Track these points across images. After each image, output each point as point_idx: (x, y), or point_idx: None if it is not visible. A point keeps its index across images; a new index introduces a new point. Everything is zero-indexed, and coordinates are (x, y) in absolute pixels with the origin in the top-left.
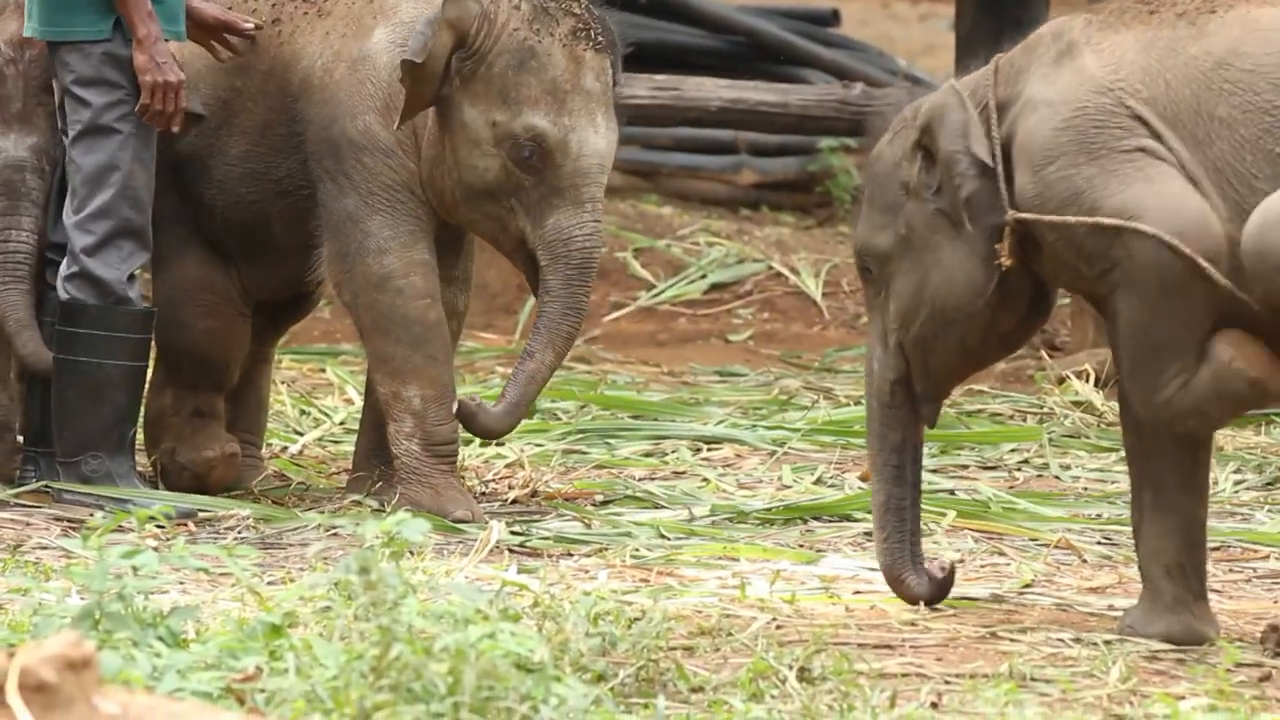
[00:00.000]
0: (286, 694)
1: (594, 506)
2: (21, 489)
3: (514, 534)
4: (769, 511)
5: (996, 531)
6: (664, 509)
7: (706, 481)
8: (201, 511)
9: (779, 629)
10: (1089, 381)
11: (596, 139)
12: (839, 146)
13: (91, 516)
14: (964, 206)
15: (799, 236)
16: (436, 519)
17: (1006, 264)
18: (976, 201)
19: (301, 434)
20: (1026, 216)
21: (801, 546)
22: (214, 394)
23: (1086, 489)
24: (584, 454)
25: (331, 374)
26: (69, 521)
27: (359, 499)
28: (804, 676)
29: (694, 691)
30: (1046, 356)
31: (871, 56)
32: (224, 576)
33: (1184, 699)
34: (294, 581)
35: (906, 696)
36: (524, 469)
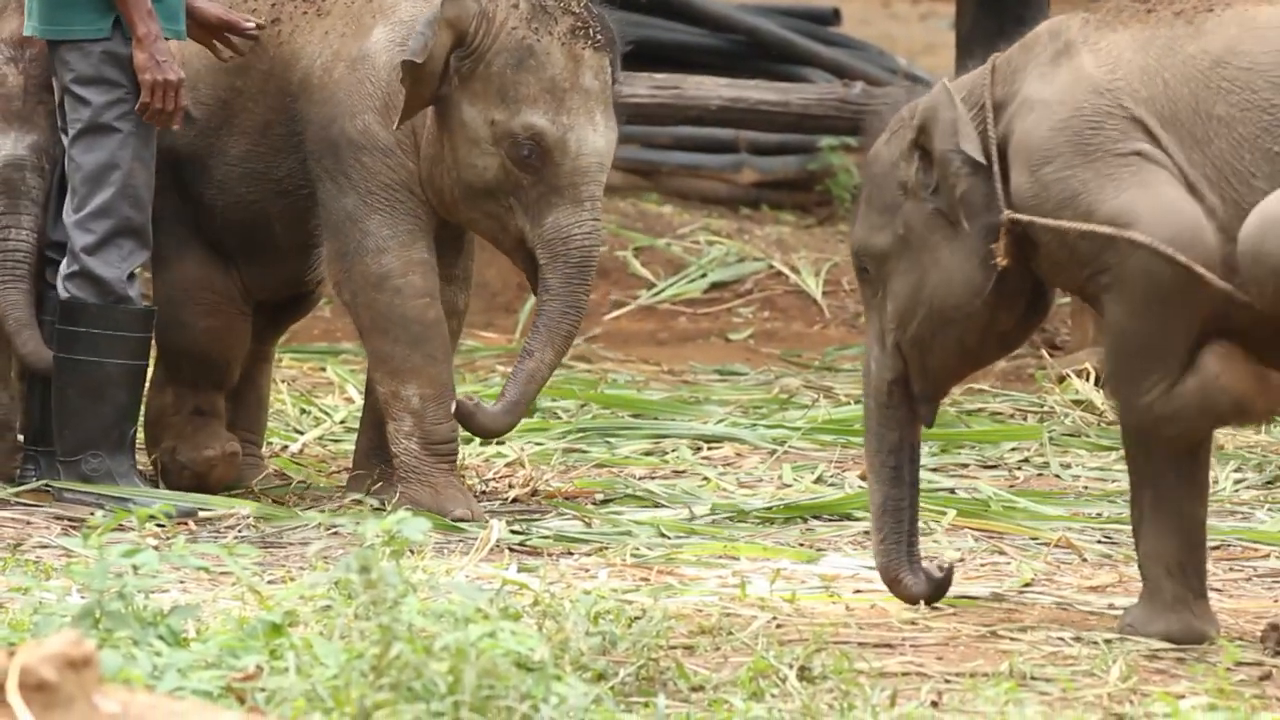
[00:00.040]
0: (287, 693)
1: (594, 505)
2: (22, 488)
3: (514, 533)
4: (769, 510)
5: (997, 530)
6: (664, 508)
7: (707, 480)
8: (202, 510)
9: (779, 628)
10: (1089, 380)
11: (595, 137)
12: (839, 145)
13: (92, 515)
14: (959, 205)
15: (799, 235)
16: (437, 518)
17: (1002, 264)
18: (971, 200)
19: (302, 433)
20: (1021, 217)
21: (802, 545)
22: (214, 393)
23: (1087, 488)
24: (584, 453)
25: (332, 373)
26: (69, 520)
27: (359, 498)
28: (804, 675)
29: (694, 690)
30: (1047, 355)
31: (872, 55)
32: (224, 575)
33: (1184, 698)
34: (294, 580)
35: (907, 695)
36: (524, 468)
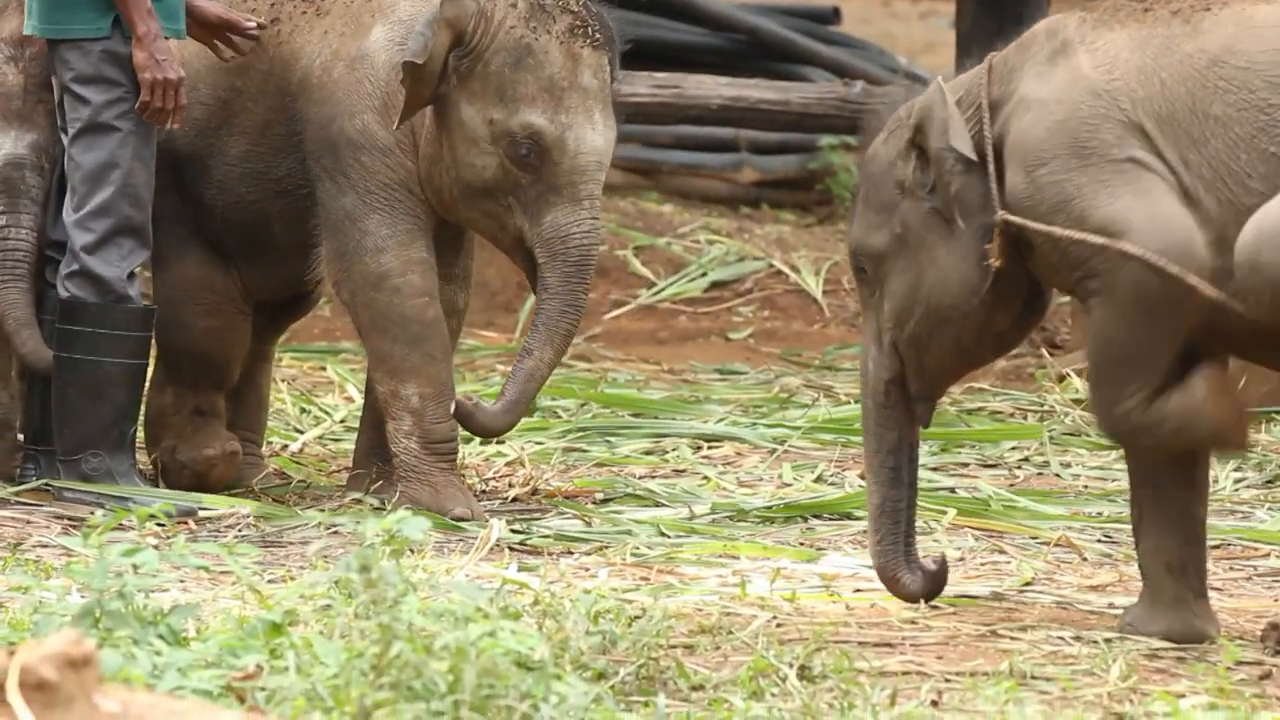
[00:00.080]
0: (287, 692)
1: (594, 504)
2: (22, 487)
3: (514, 532)
4: (769, 509)
5: (997, 529)
6: (664, 507)
7: (707, 479)
8: (202, 509)
9: (779, 627)
10: None
11: (594, 136)
12: (839, 144)
13: (92, 514)
14: (955, 204)
15: (799, 234)
16: (436, 517)
17: (996, 264)
18: (966, 199)
19: (302, 432)
20: (1014, 219)
21: (802, 544)
22: (214, 392)
23: (1087, 487)
24: (584, 452)
25: (332, 372)
26: (69, 519)
27: (359, 497)
28: (804, 674)
29: (694, 690)
30: (1047, 354)
31: (872, 54)
32: (224, 574)
33: (1184, 697)
34: (294, 579)
35: (907, 694)
36: (524, 467)
